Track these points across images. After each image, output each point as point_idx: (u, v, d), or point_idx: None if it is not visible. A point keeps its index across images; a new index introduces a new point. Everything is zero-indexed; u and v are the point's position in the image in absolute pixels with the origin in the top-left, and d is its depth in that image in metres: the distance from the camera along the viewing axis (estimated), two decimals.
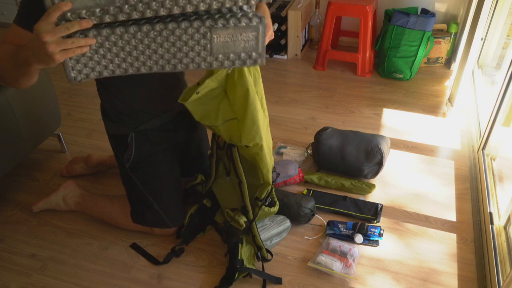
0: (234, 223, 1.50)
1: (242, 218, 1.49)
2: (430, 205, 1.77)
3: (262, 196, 1.53)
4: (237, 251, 1.49)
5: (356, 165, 1.83)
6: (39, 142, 1.88)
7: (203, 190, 1.68)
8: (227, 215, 1.54)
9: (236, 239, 1.51)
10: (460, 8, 2.69)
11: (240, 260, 1.48)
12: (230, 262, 1.50)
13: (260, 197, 1.53)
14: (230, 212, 1.54)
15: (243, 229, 1.49)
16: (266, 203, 1.53)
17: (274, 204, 1.57)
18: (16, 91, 1.69)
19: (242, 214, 1.51)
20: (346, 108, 2.40)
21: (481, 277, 1.47)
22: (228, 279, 1.46)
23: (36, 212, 1.79)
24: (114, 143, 1.54)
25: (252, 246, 1.55)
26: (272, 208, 1.56)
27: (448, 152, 2.05)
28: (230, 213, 1.53)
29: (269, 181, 1.55)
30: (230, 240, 1.53)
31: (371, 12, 2.52)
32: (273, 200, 1.58)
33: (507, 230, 1.49)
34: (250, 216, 1.51)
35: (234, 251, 1.50)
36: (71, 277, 1.54)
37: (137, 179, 1.52)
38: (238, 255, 1.49)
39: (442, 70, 2.75)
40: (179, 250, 1.58)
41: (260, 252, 1.52)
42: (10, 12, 3.43)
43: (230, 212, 1.53)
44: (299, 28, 2.76)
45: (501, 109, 1.80)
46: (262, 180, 1.56)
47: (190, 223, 1.64)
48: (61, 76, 2.81)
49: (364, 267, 1.53)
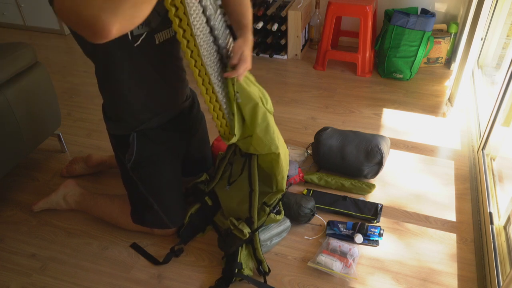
0: (237, 232, 1.50)
1: (246, 228, 1.49)
2: (430, 205, 1.77)
3: (270, 202, 1.54)
4: (237, 254, 1.49)
5: (356, 165, 1.83)
6: (39, 142, 1.88)
7: (205, 188, 1.68)
8: (231, 223, 1.53)
9: (235, 248, 1.49)
10: (460, 8, 2.69)
11: (239, 263, 1.48)
12: (227, 265, 1.49)
13: (269, 203, 1.53)
14: (234, 221, 1.53)
15: (245, 239, 1.49)
16: (274, 211, 1.54)
17: (280, 213, 1.59)
18: (16, 91, 1.69)
19: (246, 225, 1.50)
20: (346, 108, 2.40)
21: (481, 277, 1.47)
22: (225, 282, 1.46)
23: (36, 212, 1.79)
24: (115, 143, 1.54)
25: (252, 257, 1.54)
26: (278, 216, 1.57)
27: (448, 152, 2.05)
28: (234, 221, 1.53)
29: (283, 188, 1.58)
30: (228, 249, 1.51)
31: (371, 12, 2.52)
32: (280, 208, 1.59)
33: (507, 230, 1.49)
34: (254, 227, 1.51)
35: (234, 254, 1.49)
36: (71, 277, 1.54)
37: (138, 180, 1.51)
38: (238, 258, 1.48)
39: (442, 70, 2.75)
40: (178, 250, 1.58)
41: (261, 266, 1.51)
42: (10, 12, 3.43)
43: (234, 221, 1.53)
44: (299, 28, 2.77)
45: (501, 109, 1.80)
46: (276, 188, 1.59)
47: (190, 222, 1.64)
48: (61, 76, 2.81)
49: (364, 267, 1.53)
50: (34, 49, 1.82)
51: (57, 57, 3.08)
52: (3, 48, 1.73)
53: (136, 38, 1.25)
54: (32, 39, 3.35)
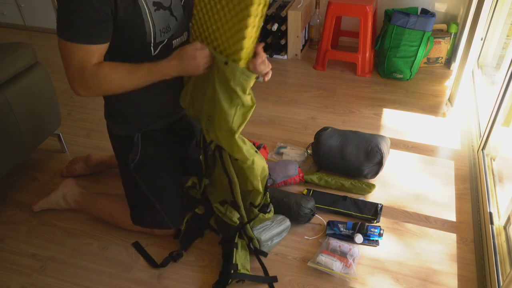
0: (227, 219, 1.49)
1: (235, 215, 1.48)
2: (430, 205, 1.77)
3: (256, 203, 1.49)
4: (232, 256, 1.49)
5: (356, 165, 1.83)
6: (39, 142, 1.88)
7: (197, 194, 1.64)
8: (217, 210, 1.52)
9: (231, 232, 1.49)
10: (460, 8, 2.69)
11: (234, 264, 1.47)
12: (223, 267, 1.49)
13: (255, 203, 1.49)
14: (219, 207, 1.52)
15: (236, 226, 1.49)
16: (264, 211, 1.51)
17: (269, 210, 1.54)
18: (16, 91, 1.69)
19: (234, 209, 1.49)
20: (346, 108, 2.40)
21: (481, 277, 1.47)
22: (222, 284, 1.46)
23: (36, 212, 1.79)
24: (118, 144, 1.53)
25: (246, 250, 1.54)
26: (267, 214, 1.53)
27: (448, 152, 2.05)
28: (219, 207, 1.51)
29: (260, 189, 1.47)
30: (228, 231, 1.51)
31: (371, 12, 2.52)
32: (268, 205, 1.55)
33: (507, 230, 1.49)
34: (242, 212, 1.49)
35: (229, 256, 1.49)
36: (71, 277, 1.54)
37: (140, 179, 1.52)
38: (233, 260, 1.48)
39: (442, 70, 2.75)
40: (177, 255, 1.58)
41: (252, 243, 1.50)
42: (10, 12, 3.43)
43: (220, 207, 1.51)
44: (299, 28, 2.77)
45: (501, 109, 1.80)
46: (252, 187, 1.47)
47: (187, 228, 1.63)
48: (61, 76, 2.81)
49: (364, 267, 1.53)
50: (34, 49, 1.82)
51: (57, 57, 3.08)
52: (3, 48, 1.73)
53: (157, 45, 1.28)
54: (32, 39, 3.35)
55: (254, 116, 2.32)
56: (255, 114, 2.35)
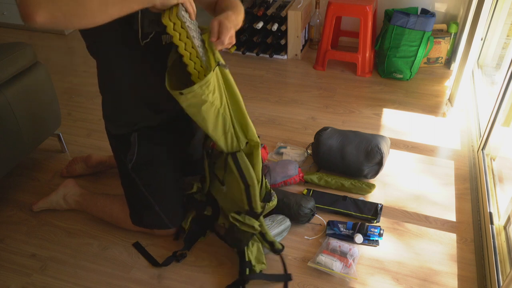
0: (246, 227, 1.47)
1: (255, 222, 1.46)
2: (430, 205, 1.77)
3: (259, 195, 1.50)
4: (244, 254, 1.48)
5: (356, 165, 1.83)
6: (39, 142, 1.88)
7: (202, 197, 1.64)
8: (233, 219, 1.49)
9: (246, 241, 1.48)
10: (460, 8, 2.69)
11: (248, 262, 1.47)
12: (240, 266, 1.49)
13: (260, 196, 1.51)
14: (236, 216, 1.48)
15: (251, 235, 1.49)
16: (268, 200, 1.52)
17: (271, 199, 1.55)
18: (16, 91, 1.69)
19: (252, 217, 1.47)
20: (346, 108, 2.40)
21: (481, 277, 1.47)
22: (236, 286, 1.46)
23: (36, 212, 1.79)
24: (116, 144, 1.54)
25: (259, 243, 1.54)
26: (270, 203, 1.53)
27: (448, 152, 2.05)
28: (236, 217, 1.48)
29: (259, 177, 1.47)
30: (240, 244, 1.49)
31: (371, 12, 2.52)
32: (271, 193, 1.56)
33: (507, 230, 1.49)
34: (261, 220, 1.49)
35: (241, 254, 1.49)
36: (71, 277, 1.54)
37: (139, 180, 1.51)
38: (246, 257, 1.48)
39: (442, 70, 2.75)
40: (180, 255, 1.58)
41: (275, 247, 1.51)
42: (10, 12, 3.43)
43: (237, 216, 1.48)
44: (299, 28, 2.77)
45: (501, 109, 1.80)
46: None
47: (191, 228, 1.63)
48: (61, 76, 2.81)
49: (364, 267, 1.53)
50: (34, 49, 1.82)
51: (57, 57, 3.08)
52: (3, 48, 1.73)
53: (145, 36, 1.27)
54: (32, 39, 3.35)
55: (254, 116, 2.32)
56: (255, 114, 2.35)
